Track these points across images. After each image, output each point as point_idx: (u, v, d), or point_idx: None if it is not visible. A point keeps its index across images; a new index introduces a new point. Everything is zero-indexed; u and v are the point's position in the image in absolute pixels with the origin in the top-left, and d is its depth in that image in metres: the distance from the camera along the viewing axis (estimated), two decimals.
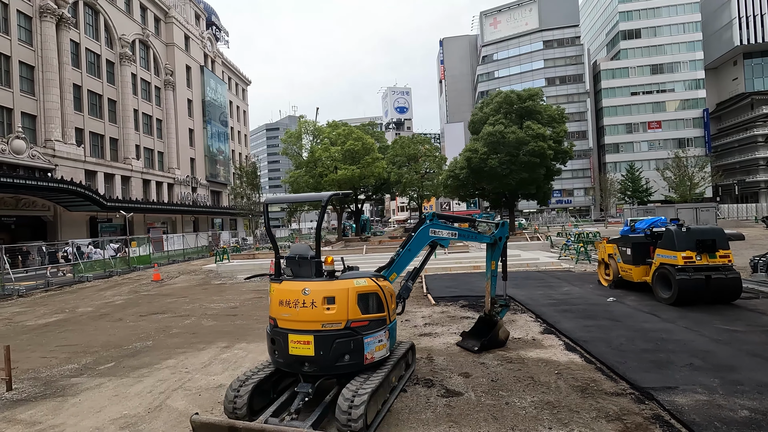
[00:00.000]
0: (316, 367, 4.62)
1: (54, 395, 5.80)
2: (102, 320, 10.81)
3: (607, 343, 6.83)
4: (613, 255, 11.52)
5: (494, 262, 7.16)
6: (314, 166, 30.11)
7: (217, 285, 16.45)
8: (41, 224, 33.76)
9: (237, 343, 7.99)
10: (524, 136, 26.33)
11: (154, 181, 47.11)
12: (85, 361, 7.33)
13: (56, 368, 6.98)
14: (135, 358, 7.37)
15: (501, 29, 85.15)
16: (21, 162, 30.20)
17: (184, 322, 9.99)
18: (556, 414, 4.61)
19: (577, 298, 10.53)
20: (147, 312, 11.54)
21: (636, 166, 68.16)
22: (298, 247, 5.17)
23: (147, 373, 6.54)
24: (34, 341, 8.91)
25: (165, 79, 50.51)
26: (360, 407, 4.15)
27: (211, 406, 5.20)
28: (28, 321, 11.28)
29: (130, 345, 8.22)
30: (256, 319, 9.96)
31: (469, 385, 5.50)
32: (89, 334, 9.27)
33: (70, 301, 14.31)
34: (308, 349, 4.61)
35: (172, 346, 7.97)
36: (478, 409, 4.80)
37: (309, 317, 4.64)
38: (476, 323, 7.45)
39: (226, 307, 11.61)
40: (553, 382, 5.51)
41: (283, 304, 4.80)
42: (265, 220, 5.48)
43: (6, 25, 31.10)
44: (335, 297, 4.66)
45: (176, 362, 7.00)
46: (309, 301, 4.66)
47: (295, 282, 4.87)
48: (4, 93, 30.65)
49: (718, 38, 73.54)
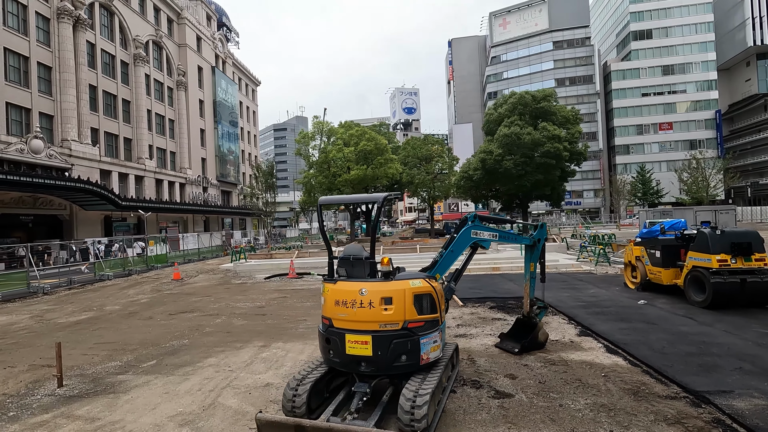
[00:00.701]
0: (374, 367, 4.66)
1: (105, 392, 5.89)
2: (132, 318, 10.93)
3: (648, 347, 6.80)
4: (640, 257, 11.46)
5: (533, 264, 7.17)
6: (327, 166, 30.23)
7: (238, 284, 16.56)
8: (58, 223, 34.17)
9: (273, 342, 8.05)
10: (540, 137, 26.26)
11: (166, 180, 47.51)
12: (127, 358, 7.42)
13: (100, 365, 7.08)
14: (175, 356, 7.45)
15: (510, 30, 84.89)
16: (39, 161, 30.60)
17: (215, 321, 10.08)
18: (613, 417, 4.60)
19: (607, 301, 10.48)
20: (175, 311, 11.65)
21: (647, 168, 67.63)
22: (352, 248, 5.22)
23: (191, 371, 6.61)
24: (71, 339, 9.02)
25: (177, 79, 50.93)
26: (423, 407, 4.18)
27: (264, 405, 5.25)
28: (59, 318, 11.43)
29: (167, 343, 8.32)
30: (286, 319, 10.03)
31: (518, 387, 5.51)
32: (124, 332, 9.38)
33: (96, 300, 14.48)
34: (366, 349, 4.65)
35: (209, 345, 8.05)
36: (533, 411, 4.82)
37: (367, 317, 4.67)
38: (514, 325, 7.45)
39: (253, 307, 11.69)
40: (602, 384, 5.51)
41: (339, 305, 4.84)
42: (319, 220, 5.53)
43: (25, 27, 31.54)
44: (392, 297, 4.69)
45: (217, 361, 7.07)
46: (366, 301, 4.69)
47: (351, 282, 4.91)
48: (23, 93, 31.07)
49: (731, 39, 72.79)
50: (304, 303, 11.97)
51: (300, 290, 14.34)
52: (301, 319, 9.96)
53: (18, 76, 30.96)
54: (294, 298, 12.76)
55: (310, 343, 7.90)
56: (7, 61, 29.96)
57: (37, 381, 6.46)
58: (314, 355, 7.14)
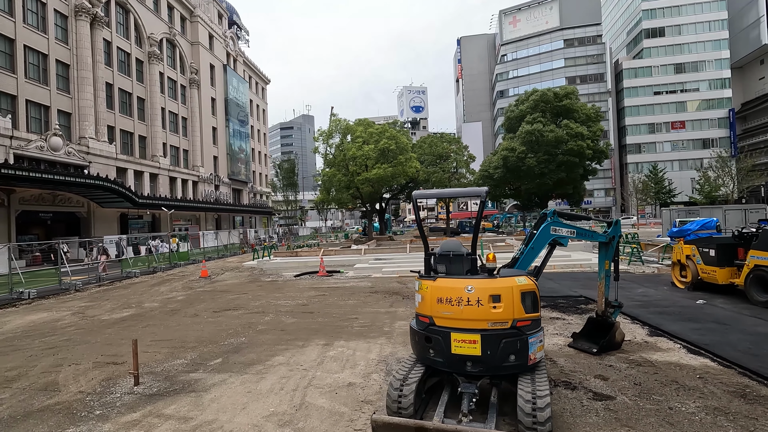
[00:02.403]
0: (482, 367, 4.49)
1: (184, 390, 5.75)
2: (177, 316, 10.81)
3: (732, 347, 6.60)
4: (691, 256, 11.22)
5: (607, 262, 6.97)
6: (346, 164, 30.05)
7: (269, 282, 16.44)
8: (75, 220, 34.24)
9: (334, 341, 7.90)
10: (563, 134, 26.00)
11: (179, 178, 47.56)
12: (191, 356, 7.29)
13: (166, 363, 6.95)
14: (239, 354, 7.32)
15: (521, 28, 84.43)
16: (58, 159, 30.67)
17: (265, 319, 9.95)
18: (734, 420, 4.42)
19: (663, 300, 10.26)
20: (218, 308, 11.53)
21: (659, 167, 67.08)
22: (450, 244, 5.05)
23: (263, 370, 6.46)
24: (122, 336, 8.92)
25: (190, 77, 50.95)
26: (546, 410, 4.02)
27: (356, 405, 5.10)
28: (101, 315, 11.34)
29: (224, 341, 8.18)
30: (335, 317, 9.88)
31: (614, 388, 5.33)
32: (175, 330, 9.26)
33: (129, 297, 14.40)
34: (474, 349, 4.48)
35: (269, 343, 7.91)
36: (644, 414, 4.63)
37: (474, 315, 4.51)
38: (586, 324, 7.27)
39: (296, 305, 11.55)
40: (702, 386, 5.31)
41: (442, 302, 4.68)
42: (416, 214, 5.36)
43: (44, 24, 31.57)
44: (501, 295, 4.52)
45: (286, 359, 6.92)
46: (474, 299, 4.52)
47: (455, 279, 4.74)
48: (42, 91, 31.12)
49: (745, 37, 72.03)
50: (346, 301, 11.82)
51: (336, 288, 14.19)
52: (351, 317, 9.80)
53: (37, 74, 31.01)
54: (334, 296, 12.61)
55: (373, 341, 7.75)
56: (26, 59, 30.00)
57: (109, 379, 6.34)
58: (383, 354, 7.00)
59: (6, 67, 28.45)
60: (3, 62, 28.30)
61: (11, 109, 28.67)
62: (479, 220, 5.01)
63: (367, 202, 33.50)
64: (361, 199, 33.00)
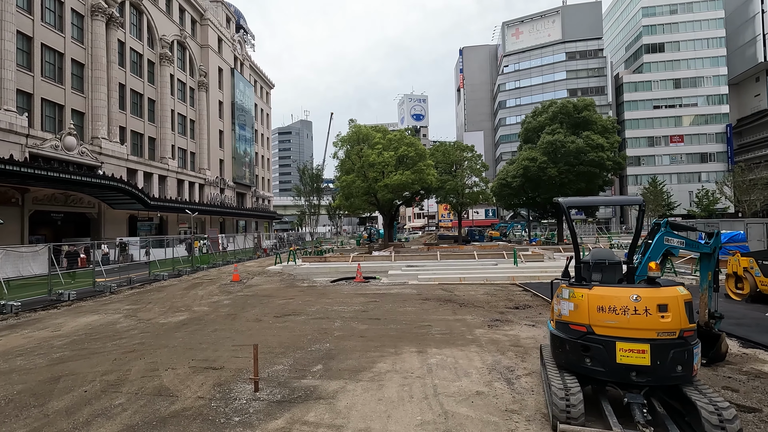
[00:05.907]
0: (650, 377, 4.45)
1: (309, 398, 5.61)
2: (239, 321, 10.61)
3: None
4: (749, 269, 11.34)
5: (710, 273, 7.00)
6: (364, 171, 30.02)
7: (308, 287, 16.25)
8: (85, 221, 33.66)
9: (426, 348, 7.79)
10: (584, 145, 26.28)
11: (187, 181, 47.12)
12: (286, 362, 7.14)
13: (267, 369, 6.78)
14: (335, 360, 7.18)
15: (523, 40, 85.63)
16: (72, 158, 30.24)
17: (334, 325, 9.80)
18: None
19: (727, 312, 10.29)
20: (278, 314, 11.34)
21: (658, 180, 68.08)
22: (601, 252, 5.04)
23: (374, 377, 6.34)
24: (197, 340, 8.71)
25: (199, 80, 50.73)
26: (734, 422, 3.99)
27: (502, 414, 5.01)
28: (156, 319, 11.09)
29: (309, 347, 8.03)
30: (407, 324, 9.77)
31: (752, 400, 5.33)
32: (249, 335, 9.07)
33: (172, 300, 14.11)
34: (643, 359, 4.45)
35: (358, 350, 7.78)
36: None
37: (643, 325, 4.48)
38: None
39: (355, 311, 11.41)
40: None
41: (604, 311, 4.64)
42: (568, 221, 5.33)
43: (61, 23, 31.24)
44: (668, 305, 4.51)
45: (390, 367, 6.80)
46: (642, 308, 4.50)
47: (617, 288, 4.72)
48: (58, 90, 30.70)
49: (741, 54, 73.85)
50: (404, 308, 11.71)
51: (383, 295, 14.07)
52: (424, 324, 9.70)
53: (53, 73, 30.61)
54: (387, 303, 12.48)
55: (466, 349, 7.67)
56: (43, 57, 29.62)
57: (220, 384, 6.16)
58: (486, 362, 6.92)
59: (23, 65, 28.04)
60: (21, 60, 27.90)
61: (27, 108, 28.22)
62: (639, 227, 4.98)
63: (384, 208, 33.45)
64: (377, 205, 32.94)
